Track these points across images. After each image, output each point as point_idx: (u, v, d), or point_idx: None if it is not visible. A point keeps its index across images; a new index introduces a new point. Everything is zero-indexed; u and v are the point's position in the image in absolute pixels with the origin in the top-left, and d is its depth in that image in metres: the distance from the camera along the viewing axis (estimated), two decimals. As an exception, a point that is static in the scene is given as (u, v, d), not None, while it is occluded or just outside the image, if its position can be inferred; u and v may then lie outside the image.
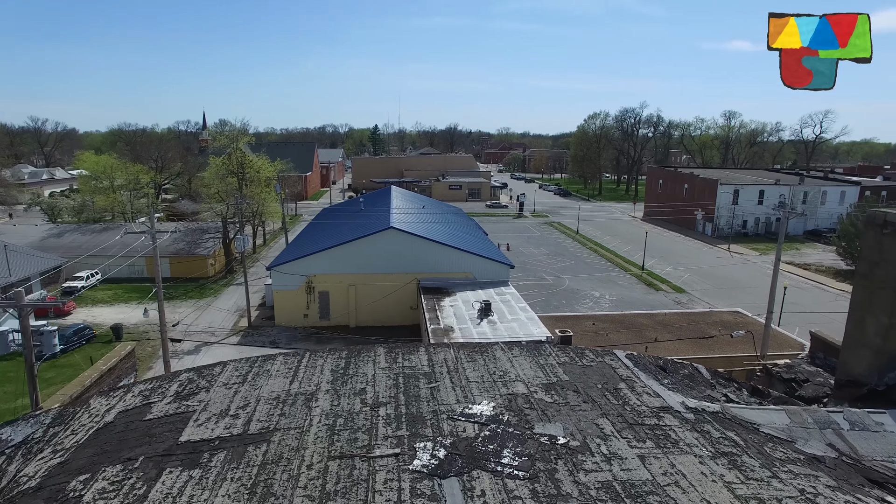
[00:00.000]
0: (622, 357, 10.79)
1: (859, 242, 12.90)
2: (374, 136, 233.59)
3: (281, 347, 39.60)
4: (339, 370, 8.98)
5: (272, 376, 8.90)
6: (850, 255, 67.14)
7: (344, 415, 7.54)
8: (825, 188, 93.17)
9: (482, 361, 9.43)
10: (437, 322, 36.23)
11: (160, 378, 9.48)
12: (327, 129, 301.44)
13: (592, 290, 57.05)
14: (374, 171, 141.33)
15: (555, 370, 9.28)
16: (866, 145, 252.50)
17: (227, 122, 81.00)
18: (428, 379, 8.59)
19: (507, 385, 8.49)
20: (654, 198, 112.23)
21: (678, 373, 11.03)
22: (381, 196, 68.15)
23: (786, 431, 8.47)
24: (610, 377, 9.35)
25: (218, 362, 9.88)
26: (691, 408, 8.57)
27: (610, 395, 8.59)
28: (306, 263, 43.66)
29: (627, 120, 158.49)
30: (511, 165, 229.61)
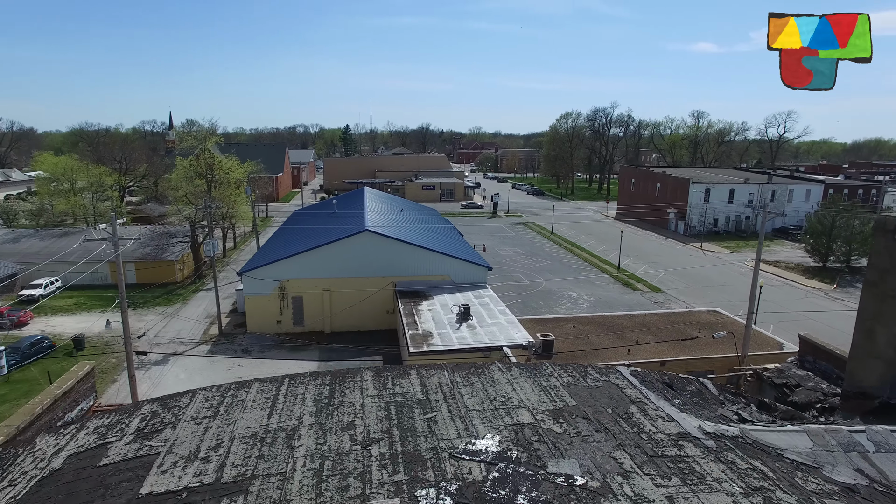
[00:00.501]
0: (627, 374, 10.11)
1: (870, 251, 12.70)
2: (345, 137, 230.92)
3: (254, 356, 38.25)
4: (322, 399, 8.06)
5: (247, 408, 7.94)
6: (818, 253, 68.46)
7: (332, 455, 6.64)
8: (792, 186, 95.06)
9: (480, 385, 8.63)
10: (415, 327, 35.34)
11: (119, 411, 8.43)
12: (298, 129, 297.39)
13: (570, 291, 56.82)
14: (347, 172, 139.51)
15: (559, 393, 8.53)
16: (825, 145, 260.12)
17: (194, 122, 78.69)
18: (423, 408, 7.74)
19: (510, 413, 7.70)
20: (626, 197, 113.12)
21: (685, 389, 10.40)
22: (354, 197, 66.90)
23: (811, 456, 7.86)
24: (619, 399, 8.64)
25: (186, 391, 8.87)
26: (710, 433, 7.91)
27: (622, 421, 7.87)
28: (279, 268, 42.31)
29: (599, 119, 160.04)
30: (483, 165, 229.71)
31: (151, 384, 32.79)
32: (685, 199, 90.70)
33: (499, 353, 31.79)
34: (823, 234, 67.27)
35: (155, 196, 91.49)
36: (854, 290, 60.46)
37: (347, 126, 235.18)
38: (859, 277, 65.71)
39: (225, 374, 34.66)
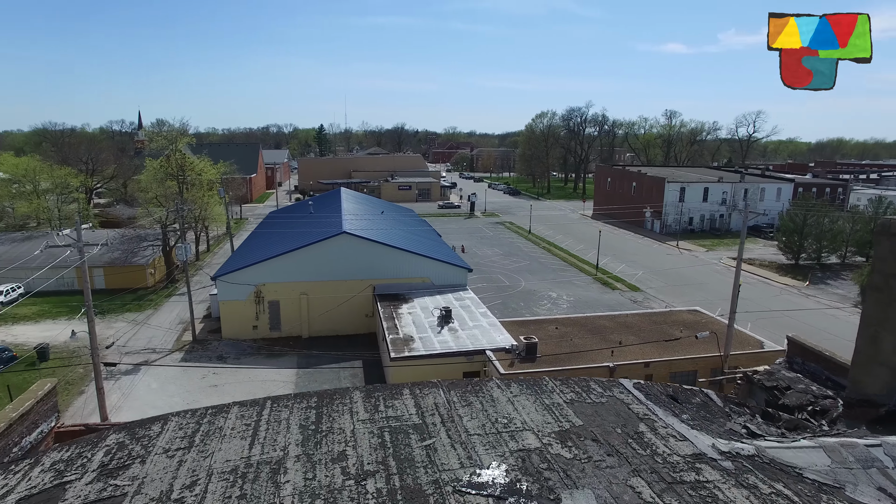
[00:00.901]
0: (631, 388, 9.62)
1: (874, 252, 12.73)
2: (319, 137, 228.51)
3: (229, 363, 37.08)
4: (309, 425, 7.38)
5: (226, 437, 7.22)
6: (790, 250, 69.54)
7: (323, 493, 5.98)
8: (763, 185, 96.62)
9: (479, 405, 8.04)
10: (395, 331, 34.63)
11: (81, 442, 7.62)
12: (271, 129, 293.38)
13: (549, 291, 56.62)
14: (322, 172, 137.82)
15: (564, 412, 7.99)
16: (791, 144, 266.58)
17: (164, 122, 76.41)
18: (420, 433, 7.12)
19: (515, 437, 7.12)
20: (602, 196, 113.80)
21: (690, 402, 9.96)
22: (330, 198, 65.82)
23: (831, 475, 7.45)
24: (626, 417, 8.14)
25: (157, 417, 8.09)
26: (725, 452, 7.45)
27: (634, 443, 7.35)
28: (254, 272, 41.17)
29: (574, 119, 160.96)
30: (459, 165, 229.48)
31: (122, 395, 31.50)
32: (661, 198, 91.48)
33: (482, 356, 31.29)
34: (795, 231, 68.35)
35: (124, 198, 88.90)
36: (826, 287, 61.56)
37: (322, 126, 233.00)
38: (830, 274, 66.98)
39: (199, 383, 33.52)
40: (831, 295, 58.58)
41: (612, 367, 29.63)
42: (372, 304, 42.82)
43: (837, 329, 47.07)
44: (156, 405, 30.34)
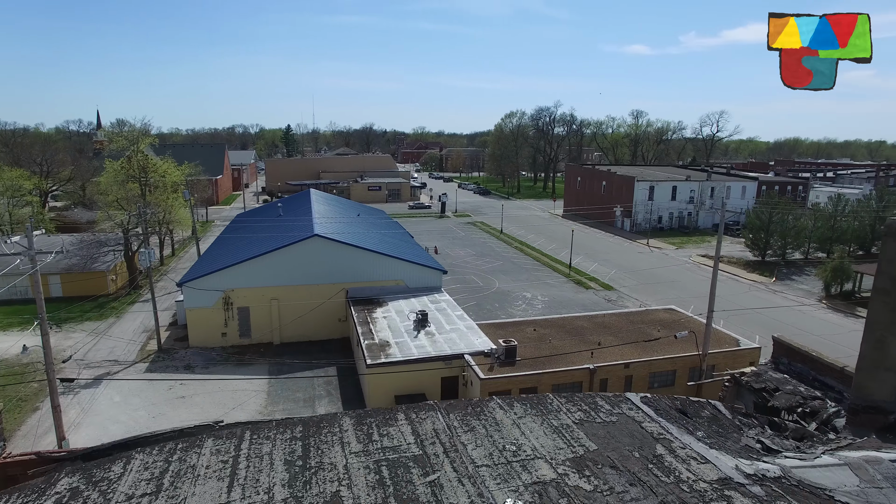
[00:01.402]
0: (638, 402, 9.04)
1: (881, 254, 12.63)
2: (287, 137, 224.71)
3: (197, 372, 35.54)
4: (295, 460, 6.54)
5: (200, 477, 6.33)
6: (757, 247, 70.81)
7: (316, 547, 5.19)
8: (729, 183, 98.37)
9: (482, 430, 7.32)
10: (370, 336, 33.68)
11: (26, 490, 6.62)
12: (237, 129, 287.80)
13: (524, 292, 56.31)
14: (290, 173, 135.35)
15: (574, 434, 7.34)
16: (751, 143, 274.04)
17: (125, 122, 73.52)
18: (421, 466, 6.36)
19: (527, 468, 6.43)
20: (572, 195, 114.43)
21: (700, 415, 9.44)
22: (299, 200, 64.31)
23: (861, 496, 6.96)
24: (641, 438, 7.53)
25: (119, 454, 7.14)
26: (751, 475, 6.89)
27: (655, 468, 6.74)
28: (222, 277, 39.66)
29: (543, 118, 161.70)
30: (428, 165, 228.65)
31: (81, 410, 29.79)
32: (630, 197, 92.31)
33: (460, 361, 30.60)
34: (762, 228, 69.59)
35: (82, 201, 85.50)
36: (791, 283, 62.77)
37: (289, 126, 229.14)
38: (794, 270, 68.41)
39: (166, 394, 31.97)
40: (797, 290, 59.72)
41: (592, 368, 29.30)
42: (345, 309, 41.76)
43: (805, 324, 47.94)
44: (119, 420, 28.79)
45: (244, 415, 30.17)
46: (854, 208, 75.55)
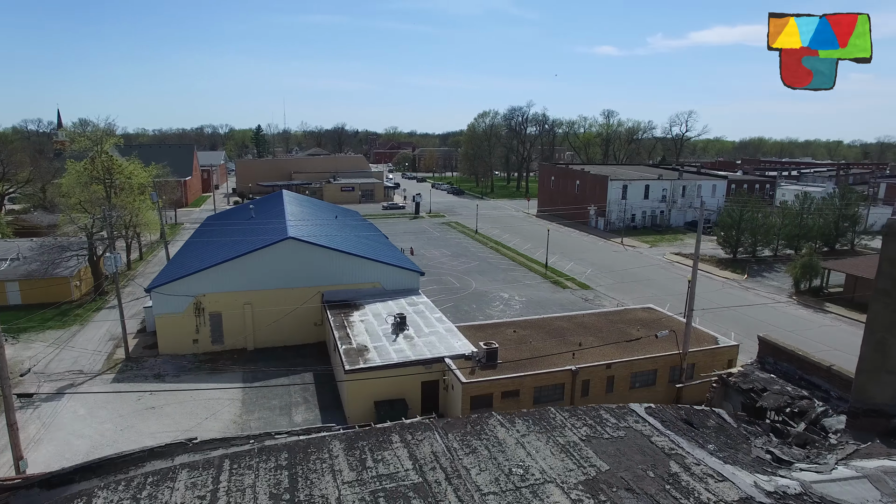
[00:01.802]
0: (643, 414, 8.61)
1: (881, 253, 12.67)
2: (257, 137, 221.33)
3: (168, 381, 34.24)
4: (282, 493, 5.90)
5: (176, 516, 5.64)
6: (729, 244, 71.85)
7: None
8: (700, 182, 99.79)
9: (485, 450, 6.79)
10: (348, 341, 32.88)
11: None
12: (206, 129, 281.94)
13: (501, 292, 56.04)
14: (261, 174, 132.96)
15: (583, 453, 6.85)
16: (718, 143, 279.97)
17: (88, 122, 71.10)
18: (423, 497, 5.79)
19: (537, 494, 5.92)
20: (546, 194, 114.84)
21: (706, 425, 9.07)
22: (272, 201, 62.93)
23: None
24: (653, 454, 7.09)
25: (80, 491, 6.40)
26: (772, 493, 6.50)
27: (672, 489, 6.29)
28: (193, 282, 38.35)
29: (515, 118, 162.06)
30: (401, 165, 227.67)
31: (42, 426, 28.32)
32: (604, 196, 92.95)
33: (441, 364, 30.05)
34: (733, 226, 70.62)
35: (43, 204, 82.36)
36: (762, 280, 63.81)
37: (259, 126, 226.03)
38: (765, 267, 69.62)
39: (135, 405, 30.65)
40: (768, 287, 60.71)
41: (574, 370, 29.04)
42: (321, 312, 40.84)
43: (778, 321, 48.63)
44: (84, 434, 27.45)
45: (218, 424, 29.13)
46: (819, 206, 77.28)
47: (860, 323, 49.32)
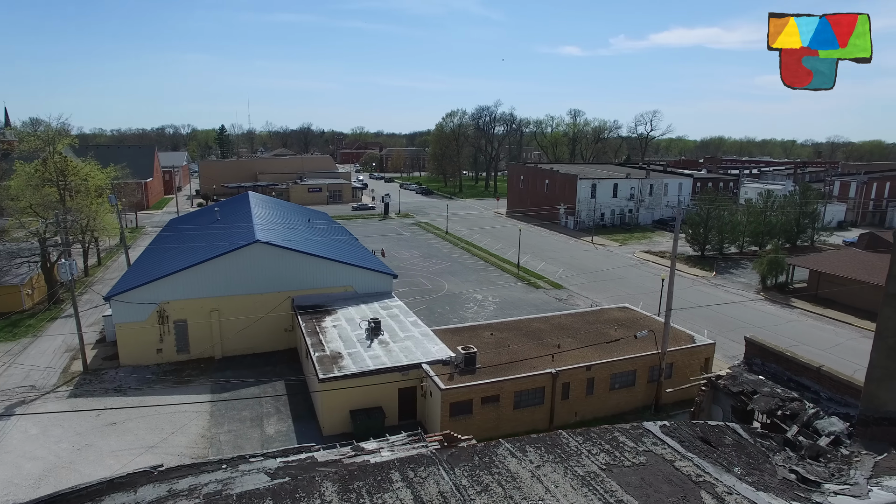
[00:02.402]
0: (659, 433, 7.98)
1: (893, 256, 12.68)
2: (221, 138, 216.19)
3: (130, 394, 32.51)
4: (271, 552, 5.03)
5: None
6: (696, 242, 72.84)
7: None
8: (667, 181, 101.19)
9: (499, 488, 6.02)
10: (321, 348, 31.76)
11: None
12: (167, 129, 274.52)
13: (474, 293, 55.48)
14: (225, 176, 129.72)
15: (606, 486, 6.16)
16: (681, 142, 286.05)
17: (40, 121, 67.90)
18: (436, 551, 5.00)
19: (566, 541, 5.18)
20: (516, 194, 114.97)
21: (724, 443, 8.49)
22: (237, 203, 61.05)
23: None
24: (680, 483, 6.44)
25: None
26: (813, 525, 5.93)
27: (710, 527, 5.64)
28: (156, 288, 36.62)
29: (483, 117, 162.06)
30: (368, 165, 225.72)
31: (-8, 446, 26.45)
32: (573, 195, 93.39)
33: (418, 371, 29.22)
34: (700, 224, 71.59)
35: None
36: (730, 276, 64.82)
37: (223, 126, 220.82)
38: (731, 264, 70.80)
39: (94, 422, 28.92)
40: (736, 283, 61.66)
41: (554, 373, 28.57)
42: (291, 318, 39.55)
43: (748, 317, 49.23)
44: (36, 456, 25.65)
45: (185, 439, 27.70)
46: (782, 204, 79.09)
47: (825, 318, 50.44)
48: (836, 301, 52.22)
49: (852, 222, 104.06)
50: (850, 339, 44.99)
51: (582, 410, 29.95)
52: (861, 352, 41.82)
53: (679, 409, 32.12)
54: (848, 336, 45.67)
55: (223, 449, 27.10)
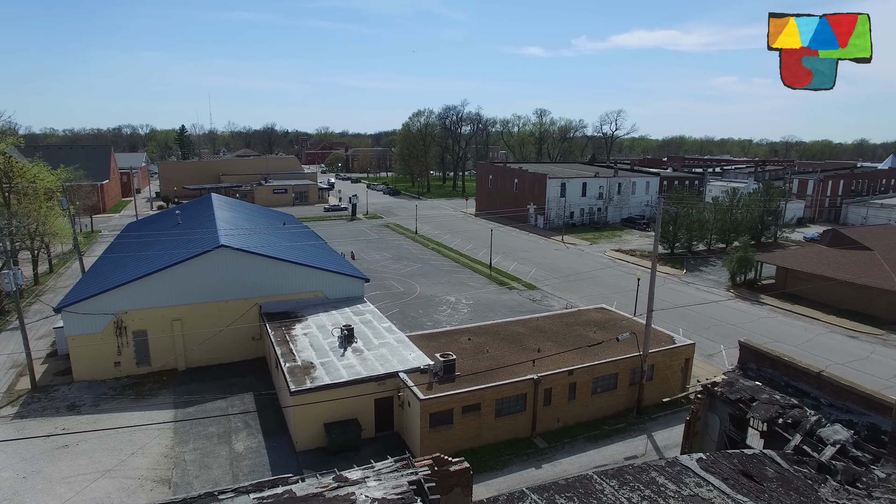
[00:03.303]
0: (698, 469, 7.05)
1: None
2: (181, 138, 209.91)
3: (85, 412, 30.34)
4: None
5: None
6: (666, 240, 73.36)
7: None
8: (634, 179, 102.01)
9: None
10: (292, 358, 30.22)
11: None
12: (124, 130, 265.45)
13: (447, 295, 54.43)
14: (187, 177, 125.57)
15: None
16: (643, 141, 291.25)
17: (-20, 120, 63.99)
18: None
19: None
20: (484, 193, 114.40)
21: (766, 476, 7.61)
22: (200, 206, 58.57)
23: None
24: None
25: None
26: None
27: None
28: (113, 297, 34.39)
29: (450, 117, 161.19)
30: (333, 165, 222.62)
31: (-71, 475, 24.08)
32: (543, 194, 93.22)
33: (395, 380, 27.98)
34: (670, 222, 72.07)
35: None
36: (700, 274, 65.39)
37: (183, 127, 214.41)
38: (700, 261, 71.53)
39: (43, 445, 26.74)
40: (706, 281, 62.18)
41: (536, 379, 27.71)
42: (259, 326, 37.79)
43: (721, 315, 49.39)
44: (-21, 485, 23.47)
45: (147, 461, 25.82)
46: (747, 202, 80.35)
47: (794, 314, 51.07)
48: (803, 297, 52.98)
49: (810, 219, 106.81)
50: (820, 334, 45.57)
51: (564, 416, 29.19)
52: (831, 347, 42.37)
53: (661, 411, 31.72)
54: (817, 332, 46.24)
55: (188, 469, 25.36)
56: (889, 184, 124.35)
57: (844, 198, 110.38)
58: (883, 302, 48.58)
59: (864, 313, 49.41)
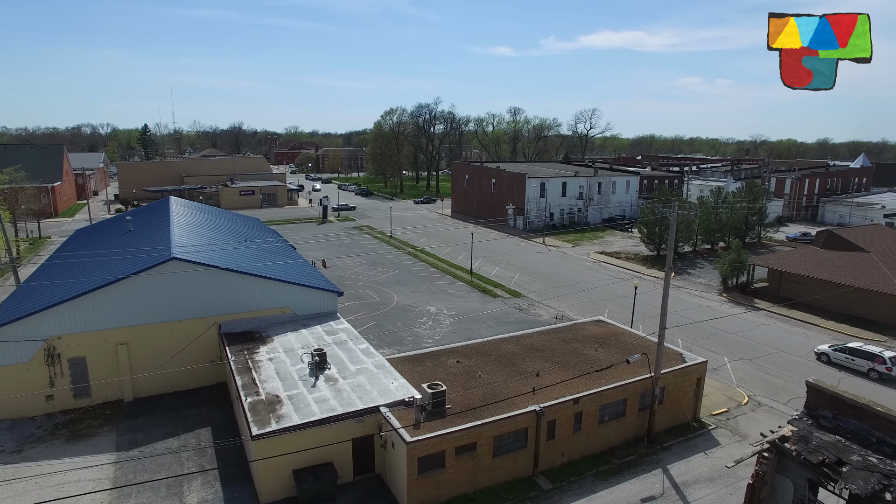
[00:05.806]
0: None
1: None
2: (144, 138, 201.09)
3: (5, 458, 25.62)
4: None
5: None
6: (652, 241, 70.79)
7: None
8: (614, 178, 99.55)
9: None
10: (254, 390, 26.02)
11: None
12: (84, 129, 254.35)
13: (427, 305, 50.57)
14: (148, 179, 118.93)
15: None
16: (615, 140, 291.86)
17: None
18: None
19: None
20: (460, 194, 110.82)
21: None
22: (155, 211, 53.43)
23: None
24: None
25: None
26: None
27: None
28: (43, 320, 29.64)
29: (423, 115, 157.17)
30: (303, 165, 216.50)
31: None
32: (522, 195, 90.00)
33: (376, 416, 24.05)
34: (655, 223, 69.47)
35: None
36: (690, 276, 62.84)
37: (146, 126, 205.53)
38: (688, 263, 69.07)
39: (-49, 504, 22.17)
40: (697, 284, 59.61)
41: (539, 410, 24.08)
42: (218, 348, 33.40)
43: (717, 322, 46.51)
44: None
45: (74, 524, 21.42)
46: (731, 201, 78.34)
47: (792, 320, 48.60)
48: (798, 301, 50.63)
49: (789, 217, 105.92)
50: (824, 343, 43.04)
51: (569, 450, 25.66)
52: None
53: (673, 438, 28.47)
54: (819, 340, 43.74)
55: (127, 532, 21.03)
56: (861, 182, 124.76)
57: (820, 196, 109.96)
58: (884, 306, 46.43)
59: (865, 318, 47.23)
